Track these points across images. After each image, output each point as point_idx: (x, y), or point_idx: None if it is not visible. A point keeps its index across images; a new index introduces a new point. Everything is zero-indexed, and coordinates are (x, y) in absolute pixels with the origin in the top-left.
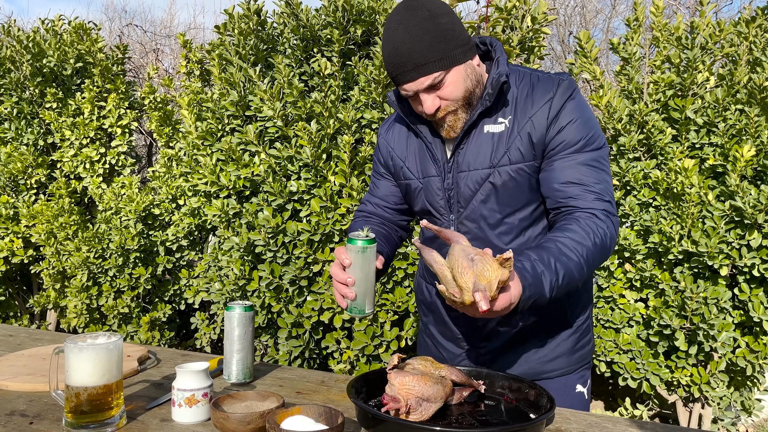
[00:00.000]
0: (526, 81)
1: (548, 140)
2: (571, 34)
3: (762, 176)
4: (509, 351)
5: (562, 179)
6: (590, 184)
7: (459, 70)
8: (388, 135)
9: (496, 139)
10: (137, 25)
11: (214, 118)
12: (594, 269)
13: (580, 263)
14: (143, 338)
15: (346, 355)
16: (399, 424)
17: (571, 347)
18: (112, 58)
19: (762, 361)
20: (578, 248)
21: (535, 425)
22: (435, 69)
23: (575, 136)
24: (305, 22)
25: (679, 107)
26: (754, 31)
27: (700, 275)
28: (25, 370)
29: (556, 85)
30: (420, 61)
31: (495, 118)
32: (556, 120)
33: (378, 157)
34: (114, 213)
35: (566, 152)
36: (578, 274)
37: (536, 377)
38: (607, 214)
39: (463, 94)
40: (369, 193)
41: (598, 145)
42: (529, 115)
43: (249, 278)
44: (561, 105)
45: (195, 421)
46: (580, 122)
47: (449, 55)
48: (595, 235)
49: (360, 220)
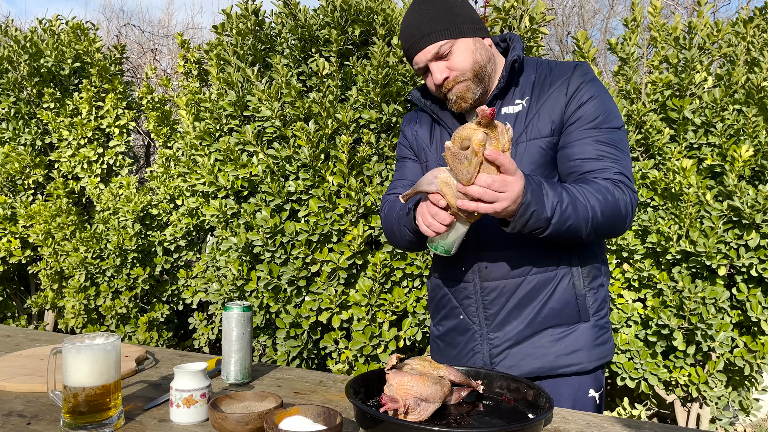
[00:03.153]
0: (545, 66)
1: (567, 116)
2: (569, 34)
3: (760, 176)
4: (525, 342)
5: (581, 155)
6: (609, 160)
7: (467, 42)
8: (412, 122)
9: (513, 118)
10: (135, 25)
11: (212, 118)
12: (604, 227)
13: (586, 206)
14: (141, 339)
15: (345, 356)
16: (397, 424)
17: (591, 341)
18: (110, 58)
19: (760, 361)
20: (588, 195)
21: (534, 425)
22: (441, 37)
23: (594, 112)
24: (303, 22)
25: (677, 107)
26: (751, 31)
27: (698, 275)
28: (22, 371)
29: (573, 66)
30: (426, 30)
31: (512, 100)
32: (575, 96)
33: (403, 142)
34: (112, 213)
35: (585, 127)
36: (583, 216)
37: (552, 373)
38: (625, 186)
39: (471, 66)
40: (396, 179)
41: (616, 124)
42: (548, 93)
43: (247, 278)
44: (579, 83)
45: (193, 421)
46: (599, 100)
47: (456, 27)
48: (609, 193)
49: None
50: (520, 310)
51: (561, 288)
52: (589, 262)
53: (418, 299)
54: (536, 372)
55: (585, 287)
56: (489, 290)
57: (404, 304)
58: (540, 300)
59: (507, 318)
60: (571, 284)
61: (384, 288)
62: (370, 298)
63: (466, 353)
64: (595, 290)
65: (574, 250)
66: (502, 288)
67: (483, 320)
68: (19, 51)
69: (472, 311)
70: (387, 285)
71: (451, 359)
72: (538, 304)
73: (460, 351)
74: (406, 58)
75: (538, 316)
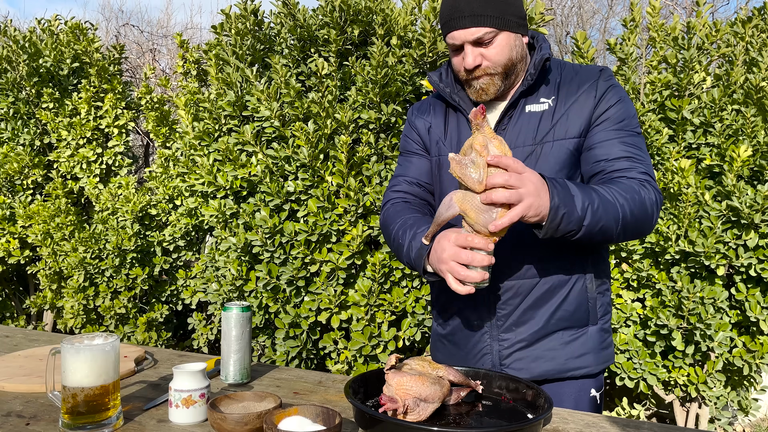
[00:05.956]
0: (569, 68)
1: (594, 117)
2: (568, 34)
3: (758, 176)
4: (536, 344)
5: (606, 155)
6: (634, 161)
7: (509, 36)
8: (423, 113)
9: (539, 117)
10: (134, 25)
11: (211, 118)
12: (632, 226)
13: (616, 206)
14: (140, 339)
15: (344, 356)
16: (396, 424)
17: (598, 344)
18: (109, 58)
19: (759, 361)
20: (616, 195)
21: (533, 425)
22: (489, 23)
23: (620, 114)
24: (302, 22)
25: (676, 107)
26: (750, 31)
27: (697, 275)
28: (21, 371)
29: (599, 69)
30: (478, 11)
31: (537, 98)
32: (603, 98)
33: (411, 135)
34: (111, 213)
35: (611, 128)
36: (613, 216)
37: (560, 376)
38: (650, 185)
39: (506, 62)
40: (398, 174)
41: (638, 129)
42: (576, 95)
43: (246, 279)
44: (607, 87)
45: (192, 421)
46: (624, 104)
47: (506, 17)
48: (635, 192)
49: (399, 203)
50: (534, 311)
51: (575, 290)
52: (599, 266)
53: (417, 299)
54: (545, 375)
55: (595, 290)
56: (503, 290)
57: (403, 304)
58: (555, 302)
59: (520, 319)
60: (584, 287)
61: (383, 288)
62: (369, 298)
63: (474, 354)
64: (602, 294)
65: (588, 253)
66: (517, 288)
67: (494, 321)
68: (18, 51)
69: (484, 311)
70: (386, 285)
71: (457, 360)
72: (553, 306)
73: (468, 352)
74: (440, 28)
75: (552, 317)
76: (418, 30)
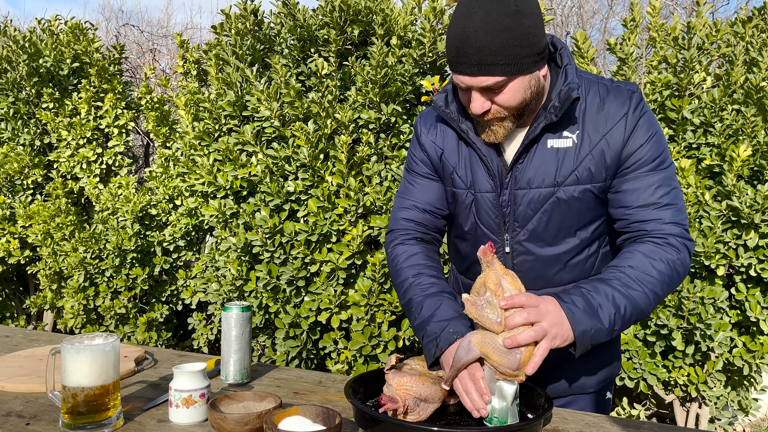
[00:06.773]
0: (594, 91)
1: (624, 158)
2: (568, 34)
3: (758, 176)
4: (557, 367)
5: (635, 202)
6: (664, 208)
7: (523, 80)
8: (434, 135)
9: (561, 155)
10: (134, 25)
11: (211, 118)
12: (664, 297)
13: (645, 294)
14: (140, 339)
15: (344, 356)
16: (396, 424)
17: (610, 357)
18: (109, 58)
19: (759, 361)
20: (643, 278)
21: (533, 425)
22: (500, 73)
23: (652, 154)
24: (302, 22)
25: (676, 107)
26: (750, 31)
27: (697, 275)
28: (21, 371)
29: (628, 98)
30: (487, 60)
31: (560, 133)
32: (632, 136)
33: (421, 156)
34: (111, 213)
35: (641, 171)
36: (645, 306)
37: (586, 391)
38: (680, 240)
39: (517, 105)
40: (403, 194)
41: (669, 161)
42: (603, 132)
43: (246, 279)
44: (637, 121)
45: (192, 421)
46: (656, 139)
47: (520, 62)
48: (663, 261)
49: (411, 242)
50: (566, 365)
51: None
52: None
53: None
54: (571, 391)
55: None
56: None
57: None
58: None
59: None
60: None
61: (383, 288)
62: (369, 298)
63: None
64: None
65: None
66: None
67: None
68: (18, 51)
69: None
70: (386, 285)
71: None
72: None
73: None
74: (447, 61)
75: None
76: (418, 30)
